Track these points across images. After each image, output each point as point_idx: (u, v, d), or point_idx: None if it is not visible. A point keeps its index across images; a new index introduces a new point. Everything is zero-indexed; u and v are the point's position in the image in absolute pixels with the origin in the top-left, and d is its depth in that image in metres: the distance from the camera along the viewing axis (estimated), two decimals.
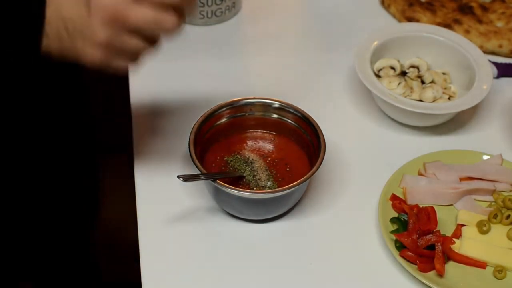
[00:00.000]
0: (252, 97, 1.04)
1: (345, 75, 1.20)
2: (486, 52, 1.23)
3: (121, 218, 1.44)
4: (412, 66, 1.16)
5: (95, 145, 1.43)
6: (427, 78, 1.14)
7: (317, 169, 0.96)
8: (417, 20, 1.27)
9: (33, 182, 1.26)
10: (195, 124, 0.99)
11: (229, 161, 1.01)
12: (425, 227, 0.95)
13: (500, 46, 1.24)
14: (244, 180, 0.99)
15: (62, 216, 1.41)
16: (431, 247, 0.94)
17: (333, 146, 1.07)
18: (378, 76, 1.14)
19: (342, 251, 0.97)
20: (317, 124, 1.00)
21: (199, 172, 0.94)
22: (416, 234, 0.94)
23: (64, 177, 1.33)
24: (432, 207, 0.98)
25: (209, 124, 1.01)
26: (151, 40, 0.86)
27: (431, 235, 0.95)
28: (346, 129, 1.12)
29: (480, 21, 1.25)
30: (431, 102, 1.11)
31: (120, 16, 0.82)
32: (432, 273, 0.93)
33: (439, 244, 0.94)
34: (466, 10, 1.26)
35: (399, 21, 1.29)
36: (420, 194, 1.01)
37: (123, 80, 1.17)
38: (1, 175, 1.19)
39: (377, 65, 1.15)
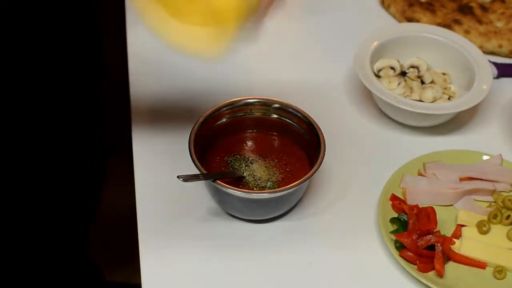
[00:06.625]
0: (252, 97, 1.04)
1: (345, 75, 1.20)
2: (486, 52, 1.23)
3: (121, 218, 1.44)
4: (412, 66, 1.16)
5: (95, 144, 1.43)
6: (427, 78, 1.14)
7: (317, 169, 0.95)
8: (417, 20, 1.27)
9: (32, 181, 1.26)
10: (195, 124, 0.99)
11: (229, 161, 1.01)
12: (425, 227, 0.95)
13: (500, 46, 1.24)
14: (244, 180, 0.99)
15: (60, 216, 1.41)
16: (431, 247, 0.94)
17: (333, 146, 1.07)
18: (378, 76, 1.14)
19: (342, 251, 0.97)
20: (317, 124, 1.00)
21: (199, 172, 0.94)
22: (416, 234, 0.94)
23: (63, 176, 1.32)
24: (432, 207, 0.98)
25: (209, 124, 1.01)
26: None
27: (431, 235, 0.95)
28: (346, 129, 1.12)
29: (480, 21, 1.25)
30: (431, 102, 1.11)
31: None
32: (432, 273, 0.93)
33: (439, 244, 0.94)
34: (466, 10, 1.26)
35: (399, 21, 1.29)
36: (420, 194, 1.01)
37: (123, 80, 1.17)
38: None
39: (377, 65, 1.15)
